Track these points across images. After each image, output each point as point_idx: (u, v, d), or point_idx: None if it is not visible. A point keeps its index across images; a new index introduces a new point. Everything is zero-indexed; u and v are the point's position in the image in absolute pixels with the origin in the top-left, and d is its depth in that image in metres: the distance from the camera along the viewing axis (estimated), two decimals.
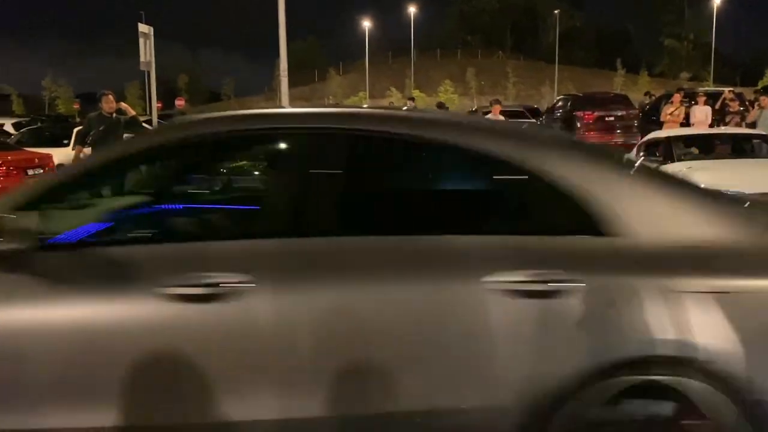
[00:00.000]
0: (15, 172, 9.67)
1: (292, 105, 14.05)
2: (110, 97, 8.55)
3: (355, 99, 58.73)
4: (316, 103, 54.27)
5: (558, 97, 23.40)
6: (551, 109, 21.37)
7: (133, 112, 9.50)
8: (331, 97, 60.68)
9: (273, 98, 70.22)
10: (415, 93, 46.60)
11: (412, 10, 64.93)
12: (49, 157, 10.86)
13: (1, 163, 9.50)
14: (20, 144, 12.83)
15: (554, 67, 60.77)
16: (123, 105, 9.25)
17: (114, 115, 8.60)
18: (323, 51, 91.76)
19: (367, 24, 63.33)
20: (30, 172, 10.01)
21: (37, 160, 10.42)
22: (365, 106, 15.97)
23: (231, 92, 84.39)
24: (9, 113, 62.56)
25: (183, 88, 75.02)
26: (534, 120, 20.73)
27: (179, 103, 13.72)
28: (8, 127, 21.72)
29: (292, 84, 13.31)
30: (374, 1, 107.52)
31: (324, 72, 76.92)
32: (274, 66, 72.54)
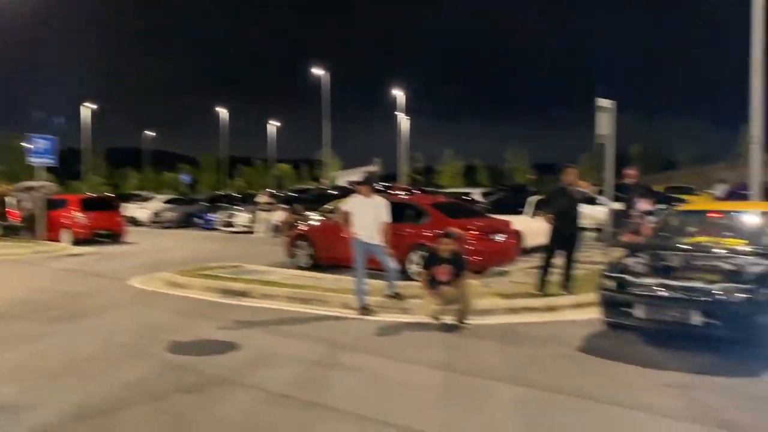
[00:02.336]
0: (482, 236, 10.86)
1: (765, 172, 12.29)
2: (570, 169, 8.99)
3: None
4: None
5: None
6: None
7: (586, 188, 9.95)
8: None
9: (736, 166, 63.45)
10: None
11: None
12: (509, 223, 11.89)
13: (472, 228, 10.79)
14: (488, 211, 14.43)
15: None
16: (582, 183, 9.76)
17: (572, 186, 8.94)
18: None
19: None
20: (493, 236, 11.10)
21: (500, 226, 11.50)
22: None
23: (689, 159, 79.48)
24: (476, 184, 71.99)
25: (635, 156, 73.99)
26: None
27: (630, 172, 13.44)
28: (476, 195, 24.78)
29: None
30: None
31: None
32: (740, 130, 65.86)
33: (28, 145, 20.45)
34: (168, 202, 31.28)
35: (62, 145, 19.26)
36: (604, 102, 12.57)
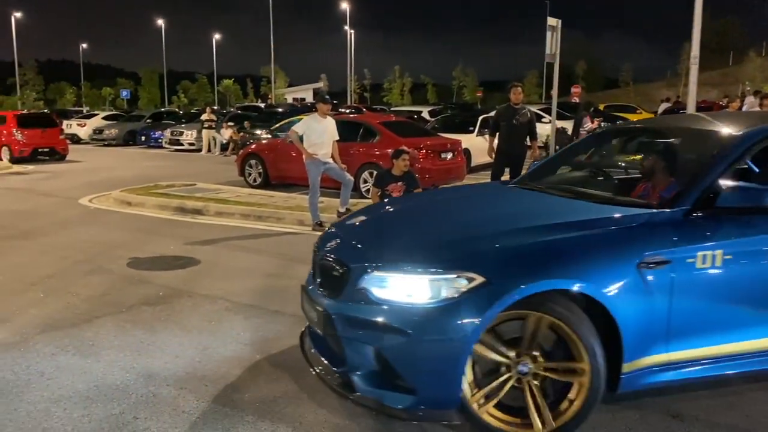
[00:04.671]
0: (432, 155, 11.13)
1: (699, 93, 12.86)
2: (519, 89, 9.08)
3: None
4: (726, 89, 48.27)
5: None
6: None
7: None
8: (747, 83, 53.20)
9: (676, 84, 65.07)
10: None
11: None
12: (458, 142, 12.18)
13: (422, 147, 11.03)
14: (435, 130, 14.65)
15: None
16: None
17: (521, 105, 9.12)
18: (744, 30, 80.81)
19: None
20: (442, 155, 11.40)
21: (449, 145, 11.77)
22: None
23: (629, 78, 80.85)
24: (425, 101, 71.84)
25: (580, 75, 74.80)
26: None
27: (575, 90, 13.80)
28: (425, 114, 24.92)
29: (700, 67, 12.10)
30: None
31: (742, 54, 67.90)
32: (679, 48, 67.18)
33: None
34: (109, 118, 30.27)
35: None
36: (552, 21, 12.74)
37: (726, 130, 3.69)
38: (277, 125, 18.02)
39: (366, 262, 3.22)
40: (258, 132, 19.83)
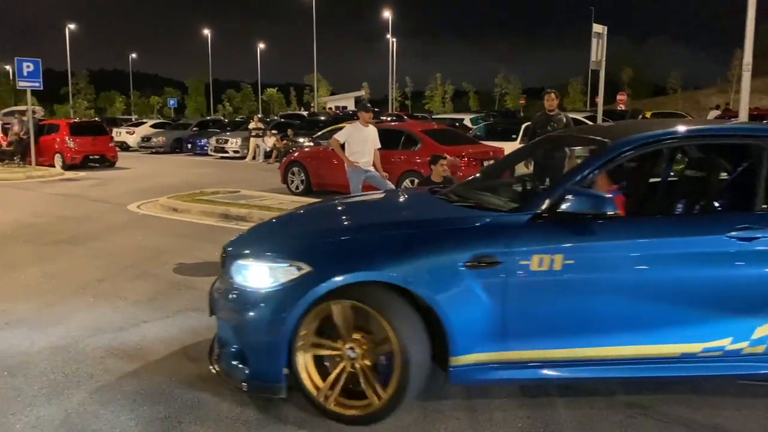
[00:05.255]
0: (474, 163, 11.06)
1: (751, 100, 12.44)
2: (552, 95, 8.91)
3: None
4: None
5: None
6: None
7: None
8: None
9: (726, 91, 63.21)
10: None
11: None
12: (501, 150, 12.08)
13: (465, 156, 10.97)
14: (477, 138, 14.56)
15: None
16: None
17: (556, 112, 8.94)
18: None
19: None
20: (485, 163, 11.31)
21: (491, 153, 11.68)
22: None
23: (678, 85, 78.99)
24: (467, 109, 71.57)
25: (626, 82, 73.45)
26: None
27: (621, 98, 13.52)
28: (467, 121, 24.79)
29: (753, 73, 11.72)
30: None
31: None
32: (731, 54, 65.17)
33: (6, 67, 20.02)
34: (156, 126, 31.04)
35: (42, 67, 18.88)
36: (598, 27, 12.54)
37: (594, 142, 3.78)
38: (320, 133, 18.19)
39: (235, 251, 3.66)
40: (301, 140, 20.05)
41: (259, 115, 30.20)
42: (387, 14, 54.83)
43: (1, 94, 55.10)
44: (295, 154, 13.76)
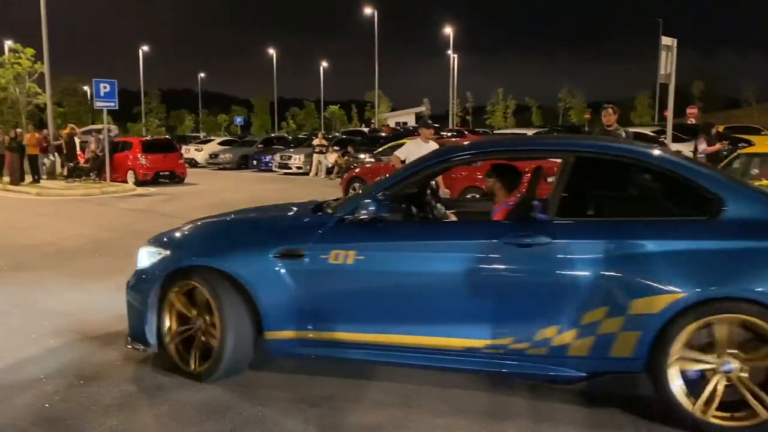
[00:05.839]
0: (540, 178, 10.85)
1: None
2: (609, 110, 8.65)
3: None
4: None
5: None
6: None
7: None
8: None
9: None
10: None
11: None
12: None
13: (528, 171, 10.78)
14: None
15: None
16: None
17: (615, 127, 8.69)
18: None
19: None
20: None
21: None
22: None
23: (753, 97, 75.76)
24: (529, 124, 70.66)
25: (697, 95, 70.98)
26: None
27: (691, 111, 13.06)
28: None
29: None
30: None
31: None
32: None
33: (86, 87, 21.07)
34: (224, 143, 31.99)
35: (117, 87, 19.77)
36: (667, 40, 12.19)
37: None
38: (380, 149, 18.33)
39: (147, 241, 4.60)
40: (362, 156, 20.25)
41: (323, 132, 30.74)
42: (448, 30, 54.94)
43: (78, 113, 58.00)
44: (357, 170, 13.93)
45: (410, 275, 3.71)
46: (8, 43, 32.90)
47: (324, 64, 75.72)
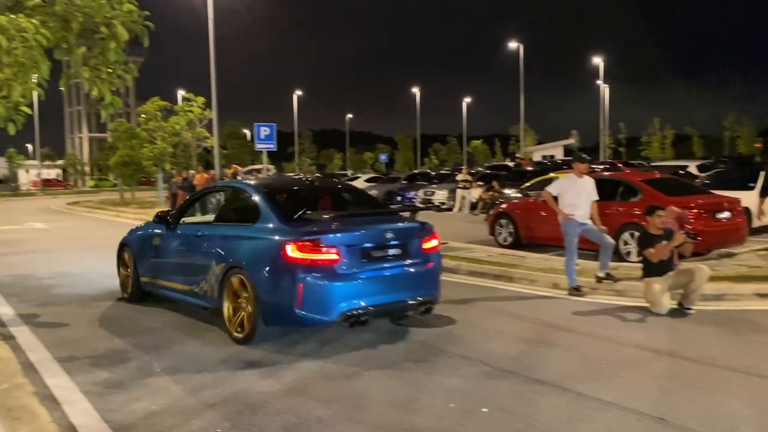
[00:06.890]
0: (705, 215, 10.04)
1: None
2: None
3: None
4: None
5: None
6: None
7: None
8: None
9: None
10: None
11: None
12: (737, 201, 10.84)
13: (693, 207, 10.01)
14: (706, 186, 13.24)
15: None
16: None
17: None
18: None
19: None
20: (717, 215, 10.22)
21: (725, 204, 10.53)
22: None
23: None
24: (689, 155, 65.85)
25: None
26: None
27: None
28: (692, 168, 22.73)
29: None
30: None
31: None
32: None
33: (246, 131, 22.67)
34: (370, 180, 33.02)
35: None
36: None
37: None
38: (528, 184, 17.93)
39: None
40: (507, 191, 19.91)
41: (467, 167, 30.74)
42: (597, 60, 53.14)
43: (240, 154, 62.90)
44: (503, 206, 13.66)
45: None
46: (181, 92, 36.62)
47: (467, 99, 76.19)
